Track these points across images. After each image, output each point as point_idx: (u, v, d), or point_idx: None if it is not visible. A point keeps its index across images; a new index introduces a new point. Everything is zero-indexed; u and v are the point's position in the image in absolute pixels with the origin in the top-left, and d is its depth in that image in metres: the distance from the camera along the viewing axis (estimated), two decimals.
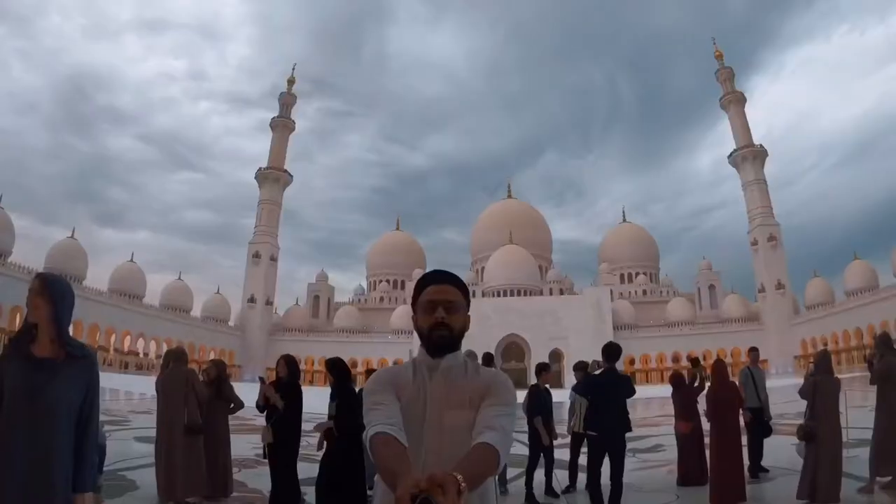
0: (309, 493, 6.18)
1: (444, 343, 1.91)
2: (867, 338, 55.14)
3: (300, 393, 6.40)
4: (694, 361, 9.22)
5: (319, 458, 5.90)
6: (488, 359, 9.93)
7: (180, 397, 6.51)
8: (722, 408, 7.12)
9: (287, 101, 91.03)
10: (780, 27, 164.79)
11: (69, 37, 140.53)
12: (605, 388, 6.21)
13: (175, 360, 6.81)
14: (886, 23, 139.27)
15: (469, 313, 2.03)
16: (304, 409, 6.49)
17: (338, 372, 6.32)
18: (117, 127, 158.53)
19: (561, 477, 8.04)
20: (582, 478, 7.94)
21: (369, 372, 8.79)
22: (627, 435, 6.25)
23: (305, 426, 6.66)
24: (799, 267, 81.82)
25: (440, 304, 1.93)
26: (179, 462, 6.27)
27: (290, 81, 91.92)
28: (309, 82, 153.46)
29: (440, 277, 2.01)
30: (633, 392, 6.27)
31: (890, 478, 6.79)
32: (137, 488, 7.02)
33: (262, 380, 6.59)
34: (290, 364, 6.43)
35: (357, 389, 7.17)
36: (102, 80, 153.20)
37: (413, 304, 2.03)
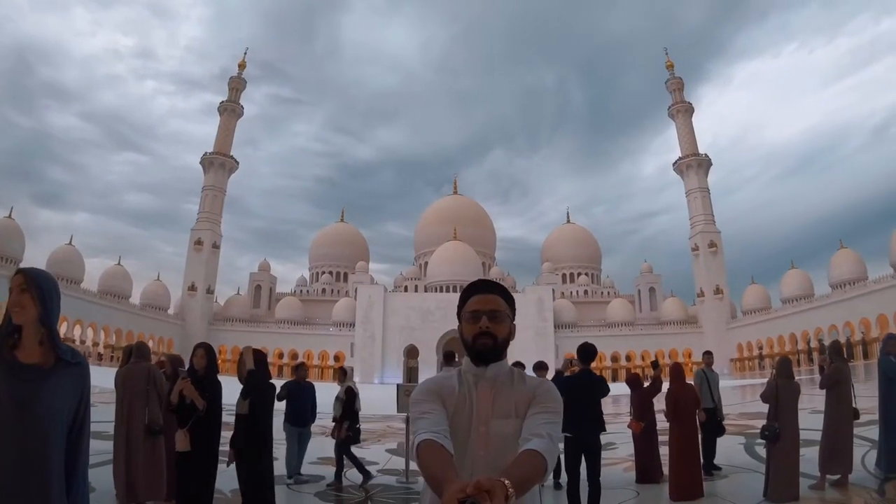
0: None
1: (486, 351, 1.92)
2: (801, 343, 58.25)
3: (220, 389, 5.58)
4: (653, 364, 9.50)
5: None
6: (449, 356, 9.90)
7: (141, 394, 6.12)
8: (681, 408, 7.39)
9: (236, 85, 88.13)
10: (731, 40, 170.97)
11: (17, 6, 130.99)
12: (581, 389, 6.30)
13: (137, 354, 6.42)
14: (834, 44, 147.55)
15: (514, 322, 2.04)
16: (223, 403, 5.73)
17: (261, 366, 6.14)
18: (60, 103, 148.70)
19: None
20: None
21: (298, 366, 8.88)
22: None
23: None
24: (737, 273, 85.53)
25: (484, 313, 1.94)
26: (140, 463, 5.90)
27: (241, 66, 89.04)
28: (259, 67, 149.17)
29: (485, 287, 2.02)
30: (607, 391, 6.44)
31: (839, 476, 7.21)
32: (93, 490, 6.54)
33: (179, 373, 5.79)
34: (209, 354, 5.63)
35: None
36: (48, 53, 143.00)
37: (458, 315, 2.04)
